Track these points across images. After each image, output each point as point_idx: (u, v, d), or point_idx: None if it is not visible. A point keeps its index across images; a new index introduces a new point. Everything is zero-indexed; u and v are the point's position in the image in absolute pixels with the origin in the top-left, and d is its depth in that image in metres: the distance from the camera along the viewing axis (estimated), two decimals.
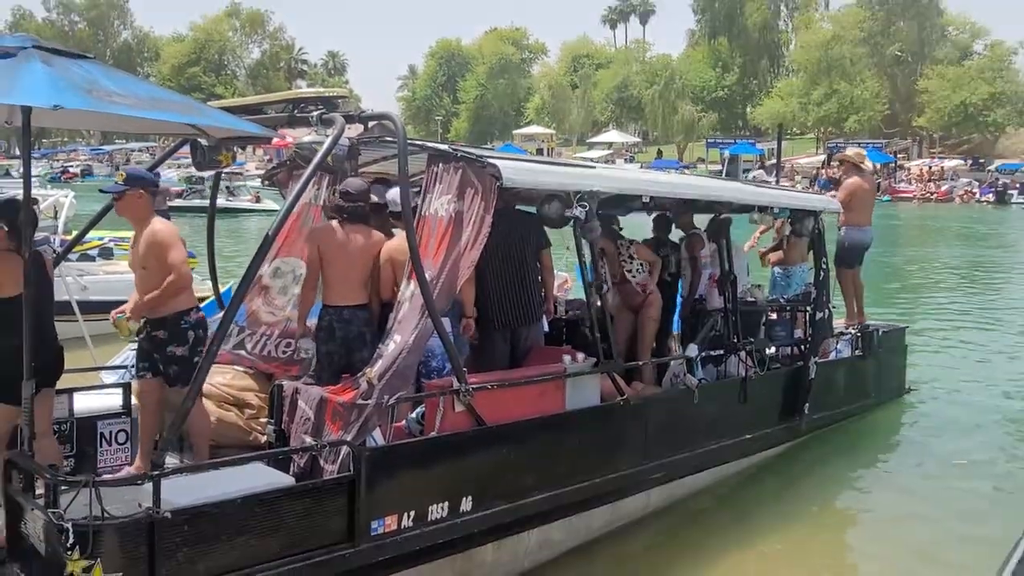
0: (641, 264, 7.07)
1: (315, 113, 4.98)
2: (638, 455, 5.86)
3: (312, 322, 5.45)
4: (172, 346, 4.84)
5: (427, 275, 4.60)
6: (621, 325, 6.85)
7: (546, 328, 6.66)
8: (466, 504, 4.74)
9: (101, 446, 5.37)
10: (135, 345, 5.22)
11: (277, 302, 5.96)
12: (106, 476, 4.70)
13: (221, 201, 33.73)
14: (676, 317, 7.65)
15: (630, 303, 7.09)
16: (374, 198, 5.58)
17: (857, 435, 8.54)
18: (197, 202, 31.40)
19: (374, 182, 6.23)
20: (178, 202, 32.19)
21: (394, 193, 5.51)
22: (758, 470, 7.38)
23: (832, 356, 8.45)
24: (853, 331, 8.84)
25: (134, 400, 5.31)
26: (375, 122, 5.07)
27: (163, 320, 4.85)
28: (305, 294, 5.42)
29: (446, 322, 4.98)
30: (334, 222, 5.32)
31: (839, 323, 9.01)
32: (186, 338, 4.85)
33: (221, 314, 4.64)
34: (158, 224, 4.85)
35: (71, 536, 3.47)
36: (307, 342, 5.57)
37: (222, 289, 6.67)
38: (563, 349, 5.93)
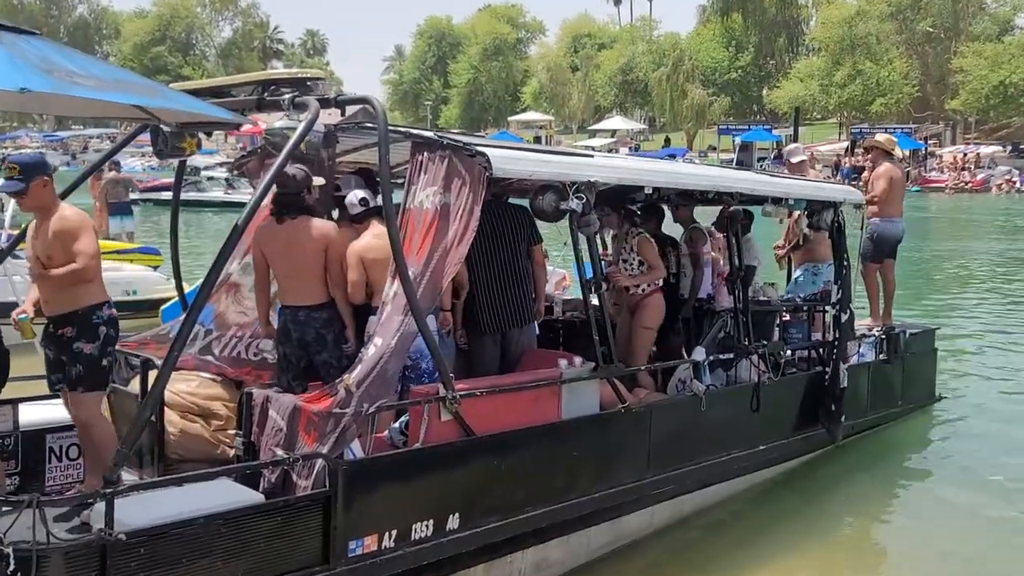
0: (639, 261, 7.04)
1: (287, 96, 4.98)
2: (641, 468, 5.87)
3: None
4: (80, 342, 4.67)
5: (410, 272, 4.60)
6: (620, 327, 6.84)
7: (537, 331, 6.65)
8: (453, 522, 4.74)
9: (50, 462, 5.36)
10: None
11: (248, 302, 5.96)
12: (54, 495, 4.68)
13: (218, 195, 34.28)
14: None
15: (627, 303, 7.07)
16: (318, 181, 5.55)
17: (883, 447, 8.55)
18: (192, 195, 31.42)
19: (354, 172, 6.24)
20: (168, 195, 32.15)
21: (353, 196, 5.52)
22: (774, 485, 7.41)
23: (854, 360, 8.44)
24: (877, 333, 8.84)
25: None
26: (355, 107, 5.08)
27: (71, 316, 4.69)
28: (257, 297, 5.56)
29: (431, 323, 4.99)
30: (272, 218, 5.31)
31: (862, 324, 9.03)
32: (96, 334, 4.70)
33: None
34: (67, 210, 4.69)
35: (12, 562, 3.45)
36: (269, 344, 5.62)
37: (188, 289, 6.66)
38: (559, 353, 5.94)
